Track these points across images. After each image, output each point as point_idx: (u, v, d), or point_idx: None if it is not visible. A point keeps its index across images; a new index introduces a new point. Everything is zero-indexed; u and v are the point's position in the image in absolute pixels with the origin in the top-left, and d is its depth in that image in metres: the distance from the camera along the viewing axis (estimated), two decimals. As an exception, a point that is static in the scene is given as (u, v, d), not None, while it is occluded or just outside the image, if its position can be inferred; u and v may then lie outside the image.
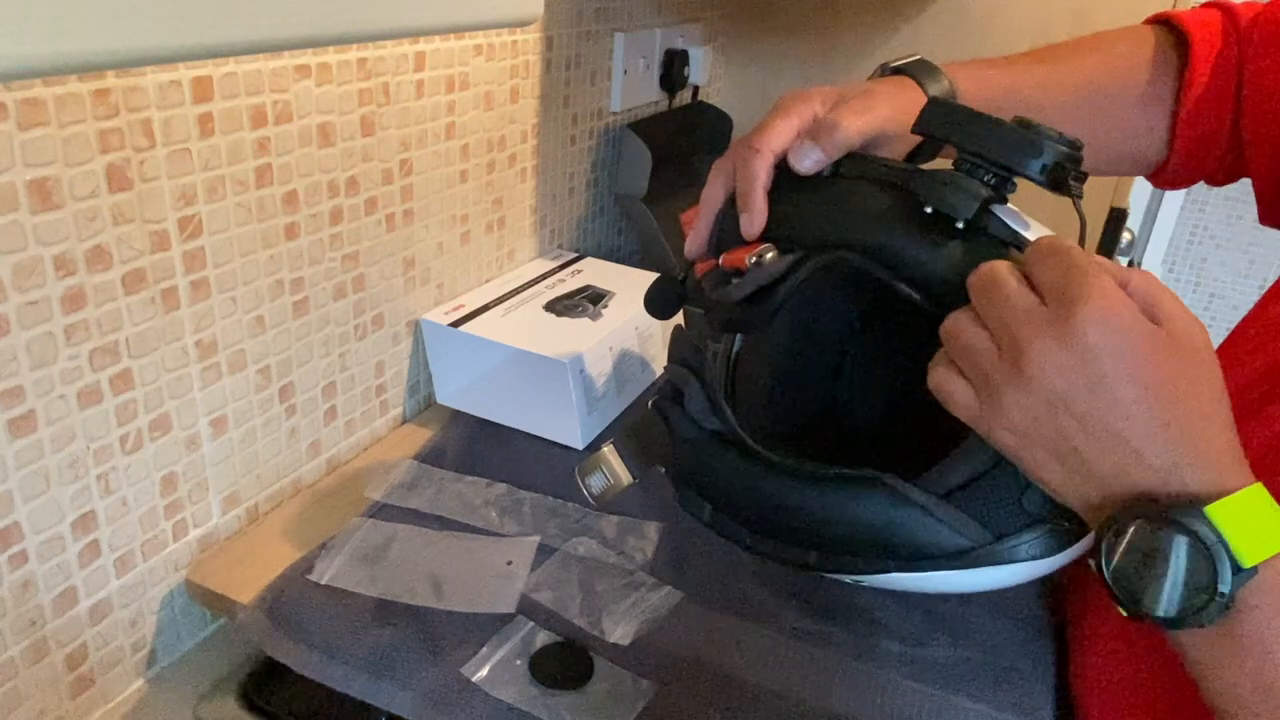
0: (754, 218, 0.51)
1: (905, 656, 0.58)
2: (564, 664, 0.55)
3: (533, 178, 0.93)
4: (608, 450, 0.57)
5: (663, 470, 0.57)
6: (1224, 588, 0.37)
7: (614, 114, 1.06)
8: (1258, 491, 0.38)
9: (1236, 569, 0.37)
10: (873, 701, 0.55)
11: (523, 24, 0.46)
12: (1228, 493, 0.38)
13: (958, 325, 0.43)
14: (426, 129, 0.75)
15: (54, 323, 0.50)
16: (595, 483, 0.57)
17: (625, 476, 0.57)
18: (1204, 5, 0.63)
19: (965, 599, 0.62)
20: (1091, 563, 0.40)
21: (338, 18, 0.35)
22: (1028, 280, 0.41)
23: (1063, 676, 0.58)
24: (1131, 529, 0.39)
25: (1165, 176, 0.65)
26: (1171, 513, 0.38)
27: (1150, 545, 0.38)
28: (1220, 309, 2.35)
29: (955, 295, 0.45)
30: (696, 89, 1.20)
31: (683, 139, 1.15)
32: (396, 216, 0.74)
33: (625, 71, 1.04)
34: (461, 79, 0.77)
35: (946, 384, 0.44)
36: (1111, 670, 0.53)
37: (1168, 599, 0.38)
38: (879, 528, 0.48)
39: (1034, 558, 0.46)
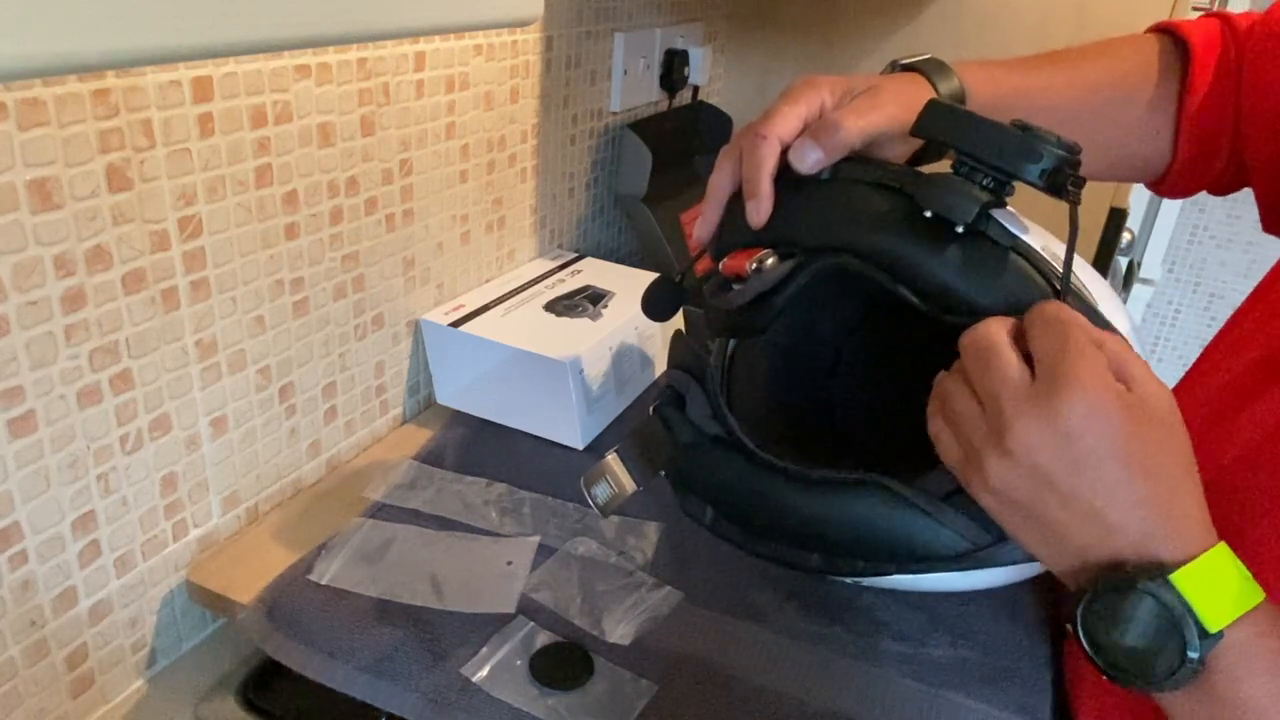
0: (760, 204, 0.51)
1: (905, 656, 0.58)
2: (564, 664, 0.55)
3: (533, 178, 0.93)
4: (611, 459, 0.57)
5: (663, 474, 0.57)
6: (1193, 653, 0.38)
7: (614, 114, 1.06)
8: (1220, 553, 0.39)
9: (1204, 634, 0.38)
10: (873, 701, 0.55)
11: (523, 24, 0.46)
12: (1193, 557, 0.39)
13: (948, 388, 0.45)
14: (426, 129, 0.75)
15: (54, 323, 0.50)
16: (600, 493, 0.57)
17: (629, 484, 0.57)
18: (1204, 15, 0.63)
19: (965, 599, 0.62)
20: (1069, 626, 0.42)
21: (338, 18, 0.35)
22: (1021, 341, 0.43)
23: (1061, 676, 0.58)
24: (1104, 598, 0.40)
25: (1167, 184, 0.65)
26: (1140, 581, 0.39)
27: (1121, 614, 0.40)
28: (1220, 309, 2.35)
29: (956, 300, 0.45)
30: (696, 89, 1.20)
31: (683, 139, 1.15)
32: (396, 216, 0.74)
33: (625, 71, 1.04)
34: (461, 79, 0.77)
35: (939, 434, 0.45)
36: None
37: (1140, 664, 0.39)
38: (880, 530, 0.48)
39: (1032, 558, 0.46)
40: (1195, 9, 1.03)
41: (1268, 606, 0.39)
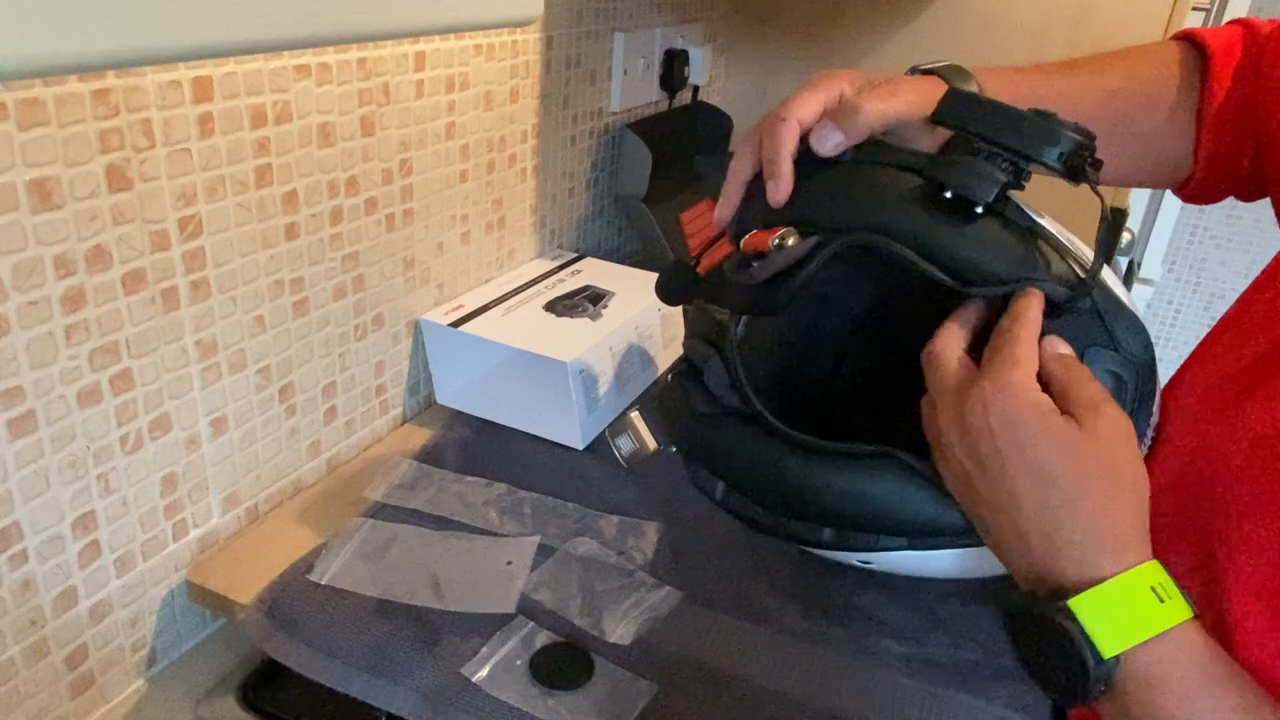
0: (780, 184, 0.52)
1: (905, 656, 0.58)
2: (564, 664, 0.55)
3: (533, 178, 0.93)
4: (635, 415, 0.58)
5: (673, 449, 0.57)
6: (1093, 677, 0.39)
7: (614, 114, 1.06)
8: (1136, 576, 0.40)
9: (1099, 659, 0.39)
10: (873, 701, 0.55)
11: (523, 24, 0.46)
12: (1098, 581, 0.40)
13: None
14: (426, 129, 0.75)
15: (54, 323, 0.50)
16: (624, 444, 0.58)
17: (651, 442, 0.58)
18: (1229, 23, 0.63)
19: (966, 599, 0.62)
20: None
21: (338, 18, 0.35)
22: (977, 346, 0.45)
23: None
24: (1018, 613, 0.42)
25: (1191, 189, 0.65)
26: (1040, 604, 0.41)
27: (1029, 631, 0.42)
28: (1220, 309, 2.33)
29: (979, 275, 0.46)
30: (696, 89, 1.20)
31: (683, 139, 1.15)
32: (396, 216, 0.74)
33: (625, 71, 1.04)
34: (461, 79, 0.77)
35: None
36: None
37: (1052, 680, 0.41)
38: (893, 503, 0.49)
39: None
40: (1195, 9, 1.03)
41: (1191, 628, 0.40)
